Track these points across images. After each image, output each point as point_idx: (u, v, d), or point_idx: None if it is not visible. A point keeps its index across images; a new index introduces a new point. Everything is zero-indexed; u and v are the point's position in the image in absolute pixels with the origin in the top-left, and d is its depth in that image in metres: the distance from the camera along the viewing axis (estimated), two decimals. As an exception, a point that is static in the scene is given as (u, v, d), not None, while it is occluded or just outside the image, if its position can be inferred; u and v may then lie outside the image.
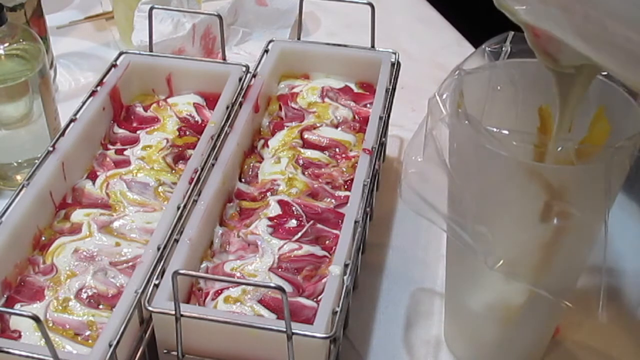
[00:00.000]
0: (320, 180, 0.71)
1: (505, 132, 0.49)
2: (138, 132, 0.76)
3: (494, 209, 0.53)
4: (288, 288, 0.60)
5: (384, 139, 0.76)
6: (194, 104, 0.79)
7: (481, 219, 0.52)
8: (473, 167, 0.52)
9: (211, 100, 0.78)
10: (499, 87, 0.55)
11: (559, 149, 0.50)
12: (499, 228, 0.53)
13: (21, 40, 0.76)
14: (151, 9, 0.80)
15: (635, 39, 0.40)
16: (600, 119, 0.52)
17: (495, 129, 0.49)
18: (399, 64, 0.80)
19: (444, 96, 0.52)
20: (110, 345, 0.53)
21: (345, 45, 0.82)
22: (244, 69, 0.78)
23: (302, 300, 0.60)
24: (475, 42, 0.99)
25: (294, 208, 0.67)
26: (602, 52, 0.43)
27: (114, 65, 0.78)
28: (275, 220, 0.66)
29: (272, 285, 0.55)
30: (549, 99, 0.51)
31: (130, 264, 0.63)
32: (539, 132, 0.53)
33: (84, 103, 0.74)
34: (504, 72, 0.54)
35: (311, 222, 0.66)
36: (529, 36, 0.48)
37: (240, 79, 0.77)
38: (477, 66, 0.55)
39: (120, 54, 0.80)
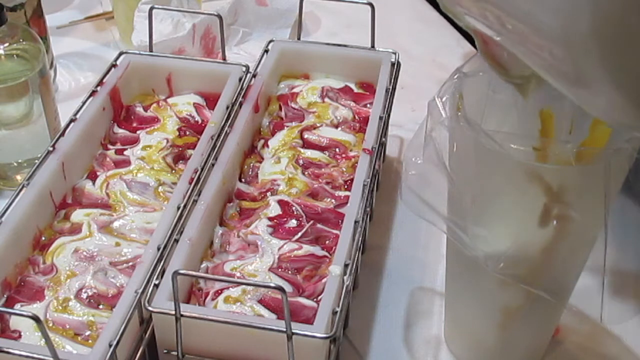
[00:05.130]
0: (320, 180, 0.71)
1: (505, 134, 0.49)
2: (138, 132, 0.76)
3: (493, 210, 0.53)
4: (288, 288, 0.60)
5: (384, 139, 0.77)
6: (194, 104, 0.79)
7: (481, 221, 0.52)
8: (472, 169, 0.52)
9: (211, 100, 0.78)
10: (498, 91, 0.55)
11: (558, 151, 0.50)
12: (498, 230, 0.53)
13: (21, 40, 0.76)
14: (151, 9, 0.80)
15: (556, 52, 0.39)
16: (600, 121, 0.52)
17: (494, 132, 0.49)
18: (399, 64, 0.80)
19: (444, 99, 0.52)
20: (110, 345, 0.53)
21: (345, 45, 0.82)
22: (244, 69, 0.78)
23: (302, 300, 0.60)
24: (475, 42, 0.99)
25: (294, 208, 0.67)
26: (530, 60, 0.42)
27: (114, 65, 0.78)
28: (275, 220, 0.66)
29: (272, 285, 0.55)
30: (550, 101, 0.51)
31: (130, 264, 0.63)
32: (540, 135, 0.53)
33: (84, 103, 0.74)
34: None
35: (311, 222, 0.66)
36: (479, 43, 0.47)
37: (240, 79, 0.77)
38: (477, 69, 0.55)
39: (120, 54, 0.80)
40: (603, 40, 0.36)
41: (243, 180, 0.72)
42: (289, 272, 0.62)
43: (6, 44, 0.75)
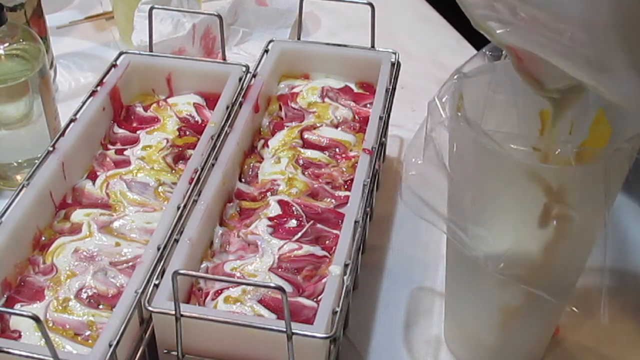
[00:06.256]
0: (320, 180, 0.71)
1: (505, 134, 0.49)
2: (138, 132, 0.76)
3: (493, 211, 0.53)
4: (288, 288, 0.60)
5: (384, 139, 0.77)
6: (194, 104, 0.79)
7: (481, 221, 0.52)
8: (472, 170, 0.52)
9: (211, 100, 0.78)
10: (498, 91, 0.55)
11: (557, 151, 0.50)
12: (498, 230, 0.53)
13: (21, 40, 0.76)
14: (151, 9, 0.80)
15: (581, 38, 0.39)
16: (600, 121, 0.52)
17: (494, 132, 0.49)
18: (399, 64, 0.80)
19: (444, 99, 0.52)
20: (110, 345, 0.53)
21: (345, 45, 0.82)
22: (244, 69, 0.78)
23: (302, 300, 0.60)
24: (475, 42, 0.99)
25: (294, 208, 0.67)
26: (545, 49, 0.42)
27: (114, 65, 0.78)
28: (275, 220, 0.66)
29: (272, 285, 0.55)
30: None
31: (130, 264, 0.63)
32: (540, 135, 0.53)
33: (84, 103, 0.74)
34: (503, 75, 0.55)
35: (311, 222, 0.66)
36: (513, 60, 0.47)
37: (240, 79, 0.77)
38: (477, 69, 0.55)
39: (120, 54, 0.80)
40: (623, 25, 0.36)
41: (243, 180, 0.72)
42: (289, 272, 0.62)
43: (6, 44, 0.75)
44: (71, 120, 0.72)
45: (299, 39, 0.85)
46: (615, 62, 0.38)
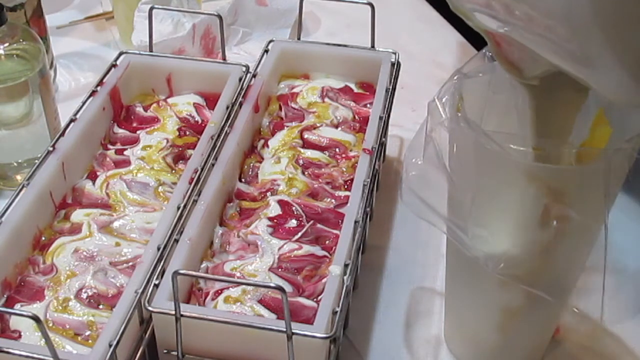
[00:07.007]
0: (320, 180, 0.71)
1: (505, 135, 0.49)
2: (138, 132, 0.76)
3: (493, 211, 0.53)
4: (288, 288, 0.60)
5: (384, 139, 0.77)
6: (194, 104, 0.79)
7: (481, 221, 0.52)
8: (472, 170, 0.52)
9: (211, 100, 0.78)
10: (498, 91, 0.55)
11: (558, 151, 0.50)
12: (498, 230, 0.53)
13: (21, 40, 0.76)
14: (151, 9, 0.80)
15: (559, 31, 0.39)
16: (600, 122, 0.52)
17: (494, 132, 0.49)
18: (399, 64, 0.80)
19: (444, 100, 0.53)
20: (110, 345, 0.53)
21: (345, 45, 0.82)
22: (244, 69, 0.78)
23: (302, 300, 0.60)
24: (475, 42, 0.99)
25: (294, 208, 0.67)
26: (539, 46, 0.42)
27: (114, 65, 0.78)
28: (275, 220, 0.66)
29: (272, 285, 0.55)
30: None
31: (130, 264, 0.63)
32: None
33: (84, 103, 0.74)
34: (503, 75, 0.54)
35: (311, 222, 0.66)
36: (491, 45, 0.47)
37: (240, 79, 0.77)
38: (477, 69, 0.55)
39: (120, 54, 0.80)
40: (604, 18, 0.36)
41: (243, 180, 0.72)
42: (289, 272, 0.62)
43: (6, 44, 0.75)
44: (71, 120, 0.72)
45: (299, 39, 0.85)
46: (598, 55, 0.38)
